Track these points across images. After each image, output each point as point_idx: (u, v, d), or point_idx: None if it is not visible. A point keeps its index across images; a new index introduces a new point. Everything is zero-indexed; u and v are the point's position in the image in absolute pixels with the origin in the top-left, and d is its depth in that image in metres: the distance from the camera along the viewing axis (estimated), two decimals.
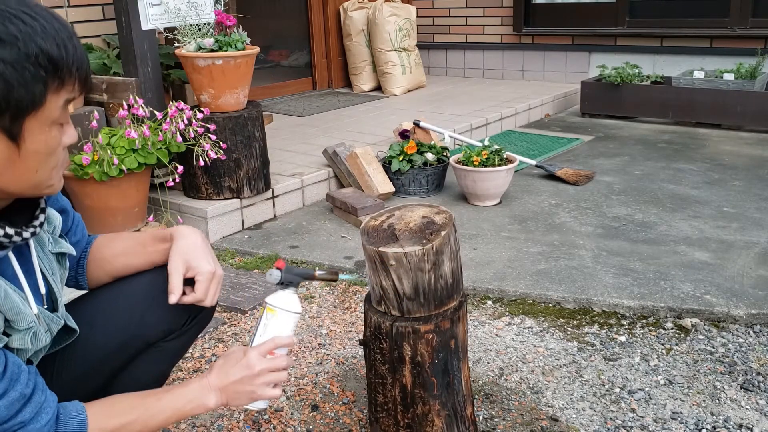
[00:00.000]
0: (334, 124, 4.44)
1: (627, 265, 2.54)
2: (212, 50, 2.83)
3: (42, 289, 1.14)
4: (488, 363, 2.03)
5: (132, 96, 2.80)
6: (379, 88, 5.59)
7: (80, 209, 2.74)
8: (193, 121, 2.82)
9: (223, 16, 2.93)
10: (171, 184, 2.82)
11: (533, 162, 3.74)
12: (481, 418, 1.78)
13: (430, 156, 3.40)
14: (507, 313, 2.31)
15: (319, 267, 1.36)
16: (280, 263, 1.35)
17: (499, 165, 3.19)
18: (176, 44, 2.96)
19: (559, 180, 3.58)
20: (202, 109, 2.88)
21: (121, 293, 1.33)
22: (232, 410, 1.84)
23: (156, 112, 2.83)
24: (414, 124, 3.82)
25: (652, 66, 5.15)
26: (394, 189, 3.38)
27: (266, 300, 1.35)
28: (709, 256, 2.60)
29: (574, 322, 2.24)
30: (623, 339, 2.13)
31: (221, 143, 2.90)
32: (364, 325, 1.53)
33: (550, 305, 2.34)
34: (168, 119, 2.78)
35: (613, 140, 4.38)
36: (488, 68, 6.07)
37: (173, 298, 1.24)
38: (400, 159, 3.38)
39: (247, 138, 2.98)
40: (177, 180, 2.84)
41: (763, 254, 2.59)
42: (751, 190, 3.33)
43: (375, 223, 1.50)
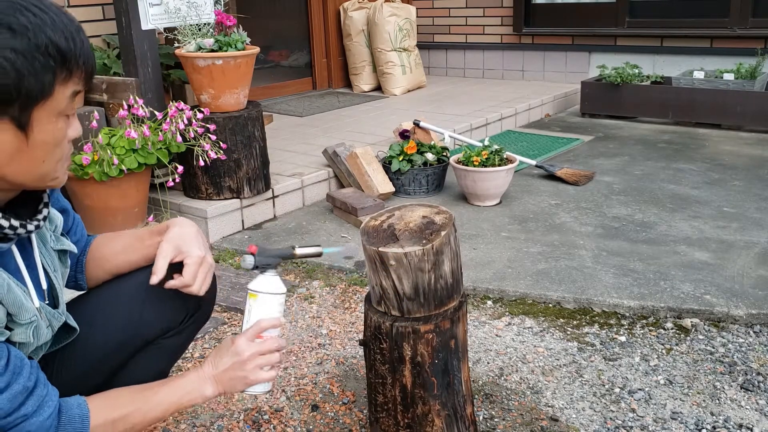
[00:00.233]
0: (334, 124, 4.44)
1: (627, 265, 2.54)
2: (212, 50, 2.83)
3: (44, 284, 1.15)
4: (488, 363, 2.03)
5: (132, 96, 2.80)
6: (379, 88, 5.59)
7: (80, 209, 2.74)
8: (193, 121, 2.82)
9: (223, 16, 2.93)
10: (171, 184, 2.82)
11: (533, 162, 3.74)
12: (481, 418, 1.78)
13: (430, 156, 3.40)
14: (507, 313, 2.31)
15: (299, 244, 1.35)
16: (252, 248, 1.33)
17: (499, 165, 3.19)
18: (176, 44, 2.96)
19: (559, 180, 3.58)
20: (202, 109, 2.88)
21: (120, 292, 1.34)
22: (232, 410, 1.84)
23: (156, 112, 2.83)
24: (414, 124, 3.82)
25: (652, 66, 5.15)
26: (394, 189, 3.38)
27: (248, 286, 1.35)
28: (709, 256, 2.60)
29: (574, 322, 2.24)
30: (623, 339, 2.13)
31: (221, 143, 2.90)
32: (364, 325, 1.53)
33: (550, 305, 2.34)
34: (168, 119, 2.78)
35: (613, 140, 4.38)
36: (488, 68, 6.07)
37: (155, 278, 1.24)
38: (400, 159, 3.38)
39: (247, 138, 2.98)
40: (177, 180, 2.84)
41: (763, 254, 2.59)
42: (751, 190, 3.33)
43: (375, 223, 1.50)
